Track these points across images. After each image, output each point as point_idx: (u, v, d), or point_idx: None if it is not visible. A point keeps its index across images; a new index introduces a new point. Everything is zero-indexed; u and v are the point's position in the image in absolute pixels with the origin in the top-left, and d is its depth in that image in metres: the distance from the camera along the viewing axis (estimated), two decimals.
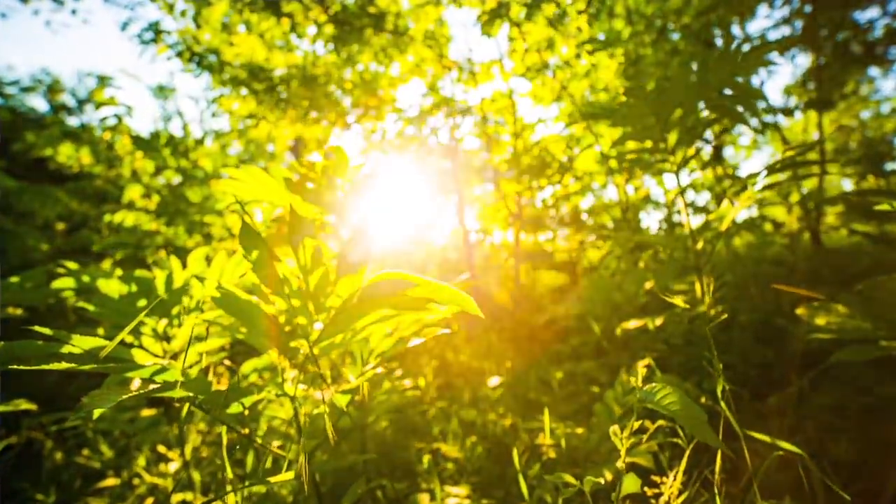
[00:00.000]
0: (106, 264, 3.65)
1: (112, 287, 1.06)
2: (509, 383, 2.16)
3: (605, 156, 3.26)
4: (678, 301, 0.76)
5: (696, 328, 1.61)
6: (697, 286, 1.39)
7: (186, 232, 3.60)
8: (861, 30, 4.83)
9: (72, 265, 1.09)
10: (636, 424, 0.62)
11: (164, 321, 1.14)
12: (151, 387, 0.60)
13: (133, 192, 3.60)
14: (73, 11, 3.86)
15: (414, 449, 1.57)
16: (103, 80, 4.81)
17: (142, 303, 1.05)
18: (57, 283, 1.12)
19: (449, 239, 5.13)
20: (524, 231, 3.82)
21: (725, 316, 0.89)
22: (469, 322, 3.34)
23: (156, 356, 1.22)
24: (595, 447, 1.19)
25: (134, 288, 0.99)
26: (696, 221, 3.71)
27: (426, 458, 1.21)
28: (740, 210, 1.18)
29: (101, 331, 1.07)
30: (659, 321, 1.19)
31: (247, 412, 0.73)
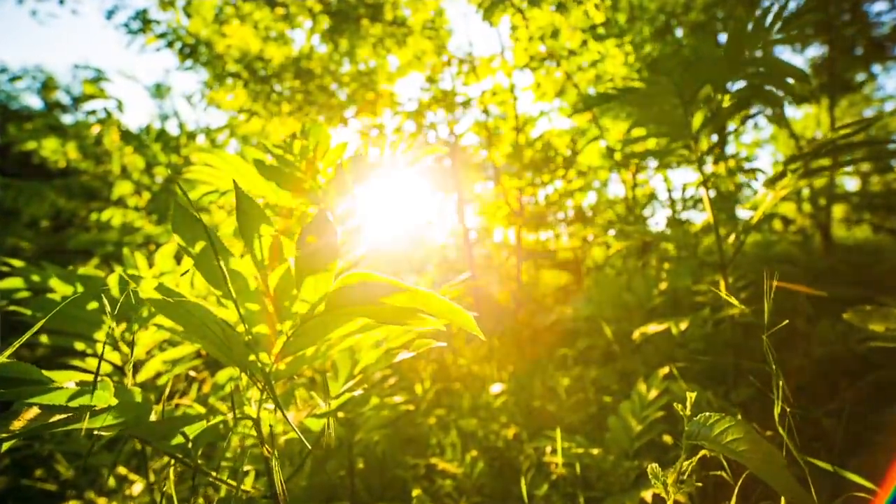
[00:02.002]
0: (92, 264, 3.51)
1: (65, 289, 0.93)
2: (512, 389, 2.03)
3: (611, 149, 3.12)
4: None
5: (716, 332, 1.48)
6: (722, 286, 1.25)
7: None
8: (868, 23, 4.69)
9: (17, 263, 0.96)
10: (685, 465, 0.48)
11: (123, 326, 1.01)
12: (57, 417, 0.46)
13: (122, 189, 3.47)
14: (61, 1, 3.72)
15: (409, 464, 1.43)
16: (99, 76, 4.68)
17: (93, 306, 0.91)
18: (3, 284, 0.99)
19: (448, 237, 5.00)
20: (526, 229, 3.69)
21: (754, 319, 0.75)
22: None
23: (115, 366, 1.09)
24: (611, 468, 1.06)
25: (80, 288, 0.86)
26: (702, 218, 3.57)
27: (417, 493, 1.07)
28: (779, 198, 1.04)
29: (44, 339, 0.93)
30: (684, 325, 1.06)
31: (195, 442, 0.59)
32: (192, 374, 1.13)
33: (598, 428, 1.60)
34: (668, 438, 1.26)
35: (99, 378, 0.57)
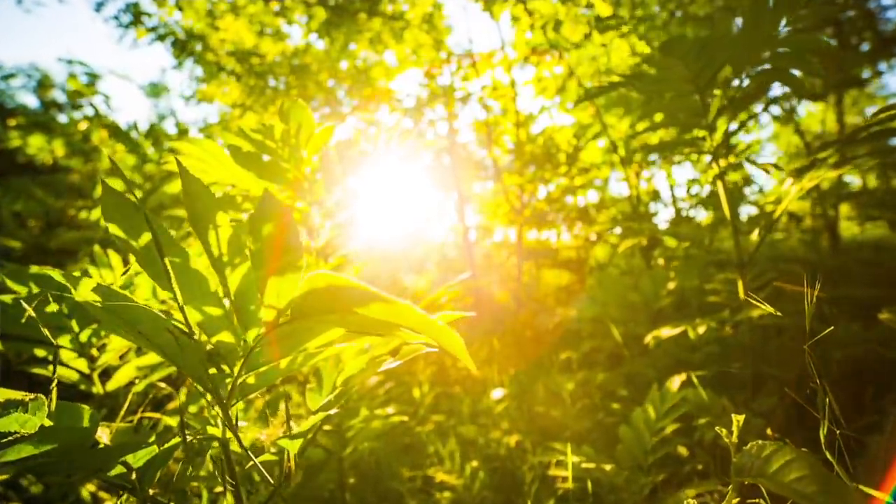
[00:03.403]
0: (82, 264, 3.42)
1: (21, 289, 0.84)
2: (514, 394, 1.94)
3: (615, 145, 3.04)
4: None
5: (733, 335, 1.39)
6: (740, 285, 1.17)
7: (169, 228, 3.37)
8: (876, 19, 4.60)
9: None
10: None
11: (89, 330, 0.92)
12: None
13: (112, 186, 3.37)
14: None
15: (405, 476, 1.34)
16: (88, 72, 4.59)
17: (52, 308, 0.82)
18: None
19: (448, 236, 4.91)
20: (527, 227, 3.60)
21: (775, 321, 0.66)
22: (469, 325, 3.12)
23: (81, 374, 1.00)
24: (624, 483, 0.97)
25: (35, 289, 0.77)
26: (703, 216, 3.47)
27: None
28: (806, 190, 0.95)
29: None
30: (702, 329, 0.97)
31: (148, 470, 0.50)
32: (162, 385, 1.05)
33: (604, 435, 1.52)
34: (682, 450, 1.17)
35: (33, 396, 0.48)
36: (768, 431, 0.78)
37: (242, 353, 0.51)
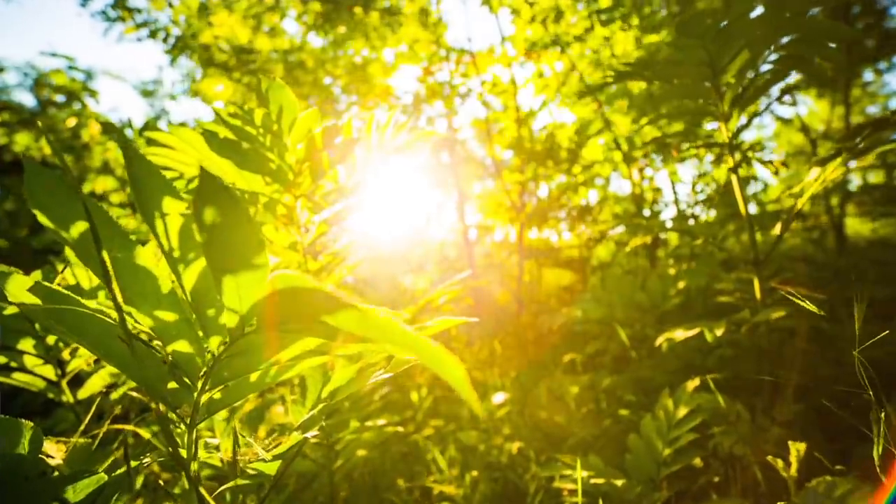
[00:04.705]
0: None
1: None
2: (516, 398, 1.87)
3: (618, 142, 2.96)
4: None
5: (746, 337, 1.32)
6: (756, 285, 1.10)
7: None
8: (883, 15, 4.53)
9: None
10: None
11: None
12: None
13: (102, 185, 3.30)
14: None
15: (401, 488, 1.27)
16: (87, 74, 4.52)
17: (10, 311, 0.75)
18: None
19: (447, 235, 4.84)
20: (528, 226, 3.53)
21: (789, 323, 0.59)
22: (468, 325, 3.05)
23: (49, 381, 0.92)
24: (636, 498, 0.90)
25: None
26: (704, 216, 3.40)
27: None
28: (829, 181, 0.88)
29: None
30: (720, 331, 0.90)
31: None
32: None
33: (612, 442, 1.44)
34: (696, 460, 1.10)
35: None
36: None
37: (205, 365, 0.43)
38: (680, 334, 1.01)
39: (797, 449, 0.35)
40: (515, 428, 1.67)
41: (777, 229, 0.96)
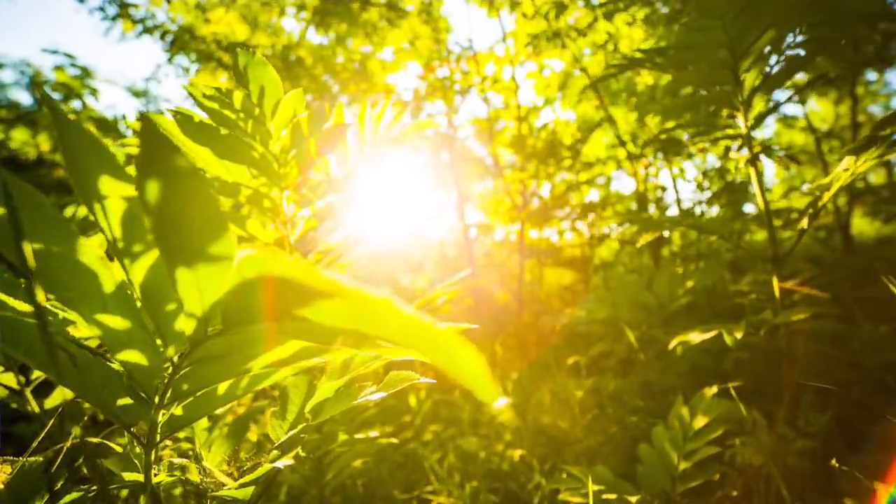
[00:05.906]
0: None
1: None
2: (518, 402, 1.80)
3: (621, 139, 2.90)
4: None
5: (762, 339, 1.25)
6: (776, 284, 1.03)
7: None
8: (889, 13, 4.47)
9: None
10: None
11: None
12: None
13: None
14: None
15: (398, 499, 1.21)
16: (84, 71, 4.46)
17: None
18: None
19: (447, 235, 4.77)
20: (529, 225, 3.46)
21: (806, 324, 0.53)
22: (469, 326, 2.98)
23: (11, 390, 0.86)
24: None
25: None
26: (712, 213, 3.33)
27: None
28: (861, 172, 0.82)
29: None
30: (739, 333, 0.84)
31: None
32: None
33: (618, 450, 1.38)
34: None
35: None
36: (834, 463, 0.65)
37: (161, 377, 0.37)
38: (696, 337, 0.95)
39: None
40: (517, 434, 1.61)
41: (804, 223, 0.89)
